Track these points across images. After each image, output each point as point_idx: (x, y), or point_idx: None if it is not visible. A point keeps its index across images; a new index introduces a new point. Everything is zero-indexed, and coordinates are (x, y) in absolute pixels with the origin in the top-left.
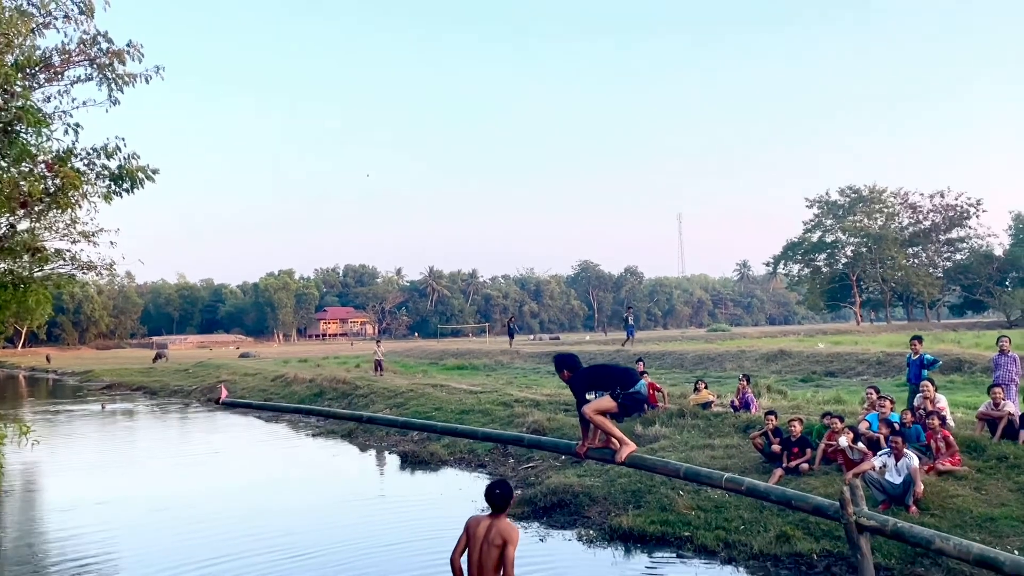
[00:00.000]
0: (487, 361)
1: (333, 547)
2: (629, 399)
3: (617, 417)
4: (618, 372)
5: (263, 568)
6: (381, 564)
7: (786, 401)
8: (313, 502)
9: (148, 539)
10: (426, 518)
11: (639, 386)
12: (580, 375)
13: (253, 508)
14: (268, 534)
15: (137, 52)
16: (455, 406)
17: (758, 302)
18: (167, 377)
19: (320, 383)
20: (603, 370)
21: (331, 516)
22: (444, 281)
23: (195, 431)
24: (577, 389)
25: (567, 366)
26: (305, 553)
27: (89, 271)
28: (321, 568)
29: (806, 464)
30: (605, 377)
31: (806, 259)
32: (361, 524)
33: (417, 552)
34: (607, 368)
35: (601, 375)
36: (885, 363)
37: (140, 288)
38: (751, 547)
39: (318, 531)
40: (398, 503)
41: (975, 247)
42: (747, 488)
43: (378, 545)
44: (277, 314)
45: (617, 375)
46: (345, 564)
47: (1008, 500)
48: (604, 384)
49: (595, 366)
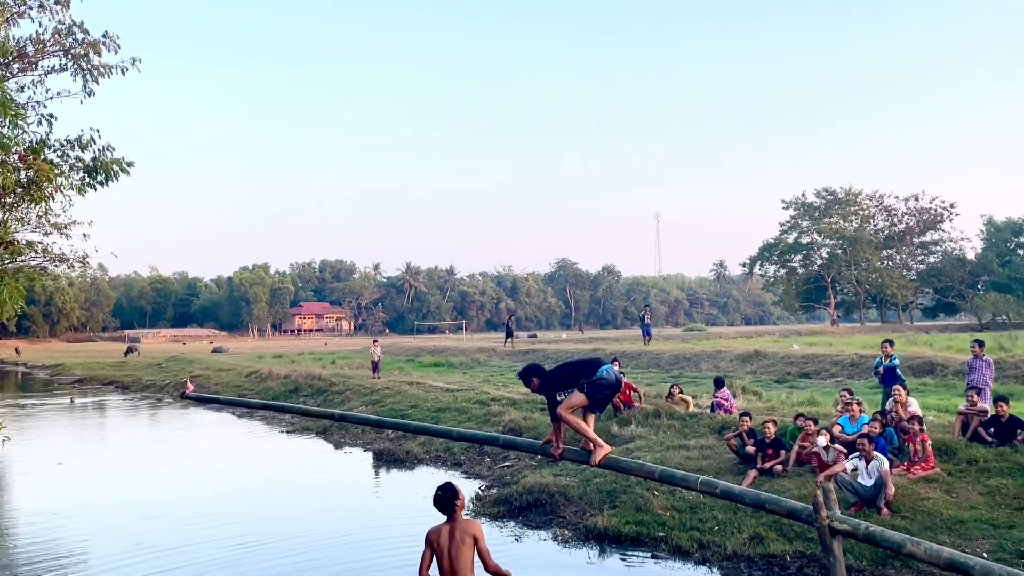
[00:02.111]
0: (464, 359)
1: (288, 543)
2: (595, 387)
3: (593, 409)
4: (579, 364)
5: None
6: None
7: (761, 402)
8: (279, 500)
9: (113, 537)
10: (398, 518)
11: (602, 371)
12: (547, 379)
13: (221, 508)
14: (232, 537)
15: (113, 43)
16: (431, 404)
17: (734, 302)
18: (139, 371)
19: (295, 379)
20: (566, 368)
21: (293, 512)
22: (421, 277)
23: (166, 427)
24: (548, 393)
25: (533, 374)
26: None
27: (61, 264)
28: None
29: (780, 465)
30: (568, 374)
31: (782, 260)
32: (328, 522)
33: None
34: (569, 364)
35: (565, 373)
36: (859, 365)
37: (112, 281)
38: (725, 548)
39: (273, 526)
40: (370, 501)
41: (948, 251)
42: (721, 491)
43: (341, 542)
44: (251, 309)
45: (578, 367)
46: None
47: (978, 503)
48: (570, 380)
49: (559, 366)
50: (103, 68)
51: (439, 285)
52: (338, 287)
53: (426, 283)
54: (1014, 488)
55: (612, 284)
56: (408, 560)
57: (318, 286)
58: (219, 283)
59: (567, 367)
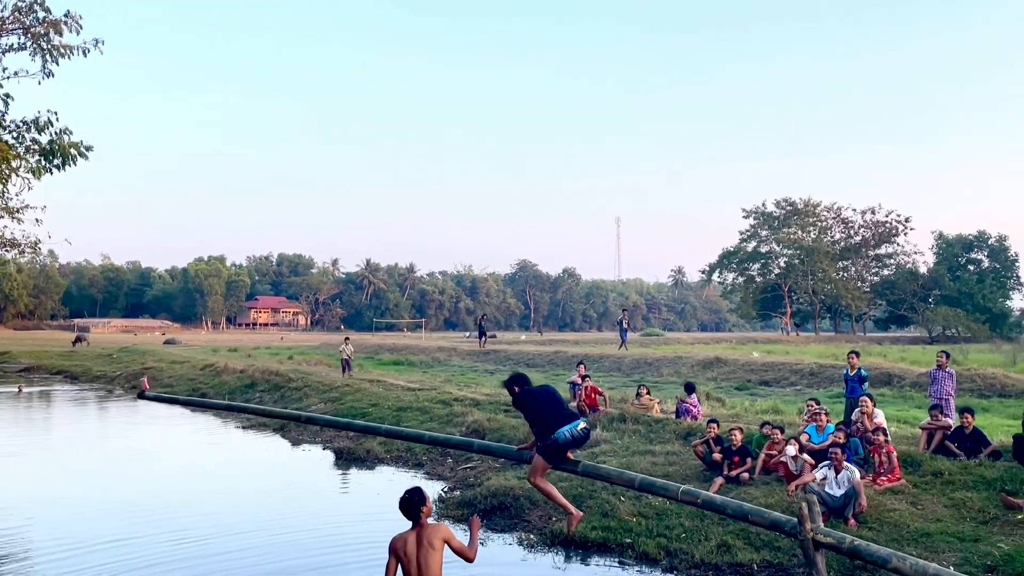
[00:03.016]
0: (424, 357)
1: (232, 542)
2: (547, 452)
3: (554, 465)
4: (540, 413)
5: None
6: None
7: (725, 409)
8: (228, 499)
9: (53, 532)
10: (356, 518)
11: (559, 433)
12: (518, 399)
13: (165, 506)
14: (174, 533)
15: (75, 23)
16: (392, 403)
17: (691, 308)
18: (89, 362)
19: (252, 374)
20: (533, 405)
21: (241, 510)
22: (381, 274)
23: (116, 420)
24: (517, 408)
25: (516, 383)
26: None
27: (12, 249)
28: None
29: (746, 473)
30: (532, 413)
31: (740, 268)
32: (278, 523)
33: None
34: (537, 403)
35: (530, 409)
36: (818, 374)
37: (63, 268)
38: (692, 556)
39: (226, 529)
40: (327, 501)
41: (902, 264)
42: (703, 501)
43: (289, 542)
44: (206, 301)
45: (539, 417)
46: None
47: (943, 516)
48: (530, 420)
49: (533, 394)
50: (64, 49)
51: (399, 283)
52: (295, 281)
53: (385, 280)
54: (979, 501)
55: (572, 287)
56: (365, 559)
57: (275, 280)
58: (173, 274)
59: (533, 404)
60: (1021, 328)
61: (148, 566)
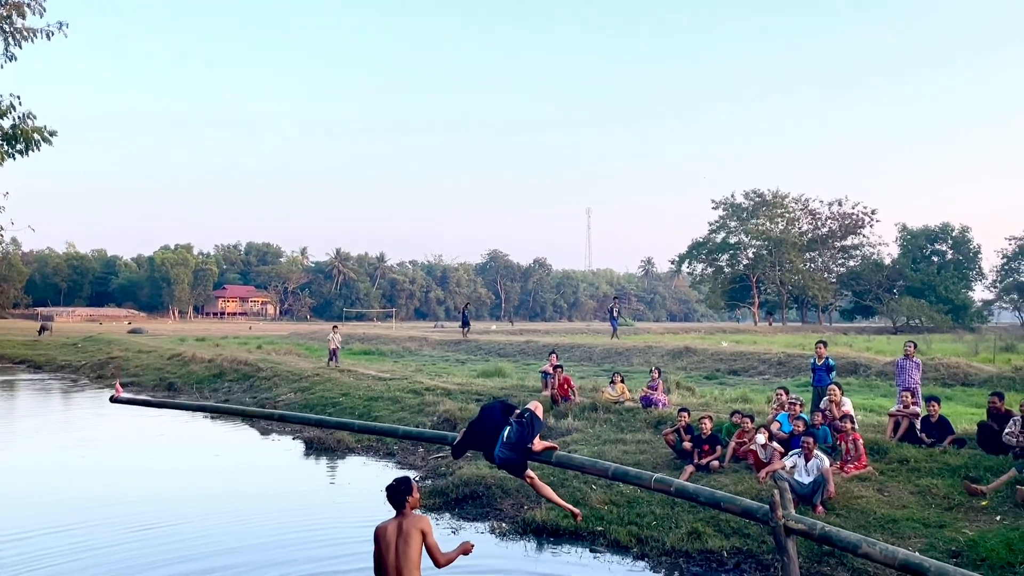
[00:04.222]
0: (394, 347)
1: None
2: (506, 467)
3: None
4: (476, 443)
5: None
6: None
7: (695, 398)
8: (196, 492)
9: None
10: (327, 512)
11: (495, 457)
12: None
13: (126, 496)
14: (138, 527)
15: (39, 6)
16: (363, 392)
17: (660, 299)
18: (54, 351)
19: (220, 363)
20: (470, 435)
21: (213, 508)
22: (351, 264)
23: (80, 410)
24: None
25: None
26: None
27: None
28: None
29: (716, 461)
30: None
31: (709, 259)
32: (246, 514)
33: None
34: (473, 433)
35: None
36: (786, 363)
37: (26, 256)
38: (663, 543)
39: (190, 524)
40: (297, 494)
41: (867, 255)
42: (676, 489)
43: (255, 535)
44: (173, 290)
45: (478, 445)
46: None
47: (909, 502)
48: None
49: (471, 425)
50: (27, 32)
51: (369, 272)
52: (264, 271)
53: (355, 270)
54: (944, 488)
55: (543, 277)
56: (337, 553)
57: (243, 269)
58: (139, 262)
59: (473, 436)
60: (983, 318)
61: (92, 550)
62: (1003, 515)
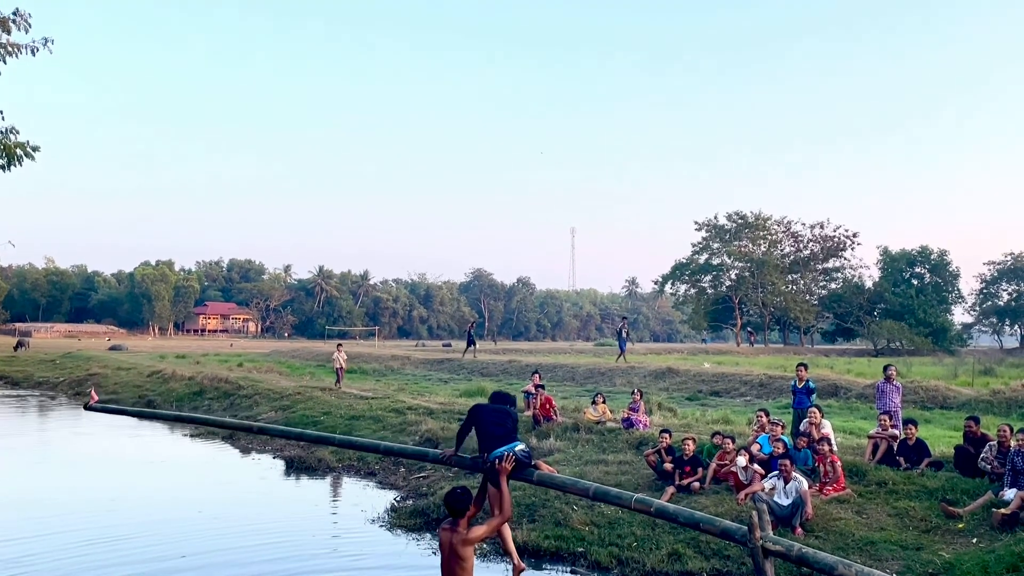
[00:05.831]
0: (377, 366)
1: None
2: (488, 472)
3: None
4: (479, 433)
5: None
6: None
7: (676, 419)
8: (174, 508)
9: None
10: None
11: (494, 456)
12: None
13: (90, 512)
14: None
15: (24, 21)
16: (345, 411)
17: (644, 319)
18: (31, 367)
19: (200, 381)
20: (473, 422)
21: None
22: (334, 281)
23: (58, 426)
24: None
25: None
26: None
27: None
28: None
29: (697, 483)
30: (476, 429)
31: (692, 280)
32: (222, 532)
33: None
34: (480, 422)
35: (470, 425)
36: (767, 385)
37: (5, 271)
38: (644, 564)
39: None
40: (276, 512)
41: (848, 277)
42: (656, 509)
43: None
44: (153, 306)
45: (479, 435)
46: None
47: (887, 524)
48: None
49: (480, 411)
50: (11, 47)
51: (352, 290)
52: (246, 287)
53: (338, 287)
54: (921, 511)
55: (526, 296)
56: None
57: (225, 286)
58: (120, 278)
59: (477, 424)
60: (962, 341)
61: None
62: (979, 537)
